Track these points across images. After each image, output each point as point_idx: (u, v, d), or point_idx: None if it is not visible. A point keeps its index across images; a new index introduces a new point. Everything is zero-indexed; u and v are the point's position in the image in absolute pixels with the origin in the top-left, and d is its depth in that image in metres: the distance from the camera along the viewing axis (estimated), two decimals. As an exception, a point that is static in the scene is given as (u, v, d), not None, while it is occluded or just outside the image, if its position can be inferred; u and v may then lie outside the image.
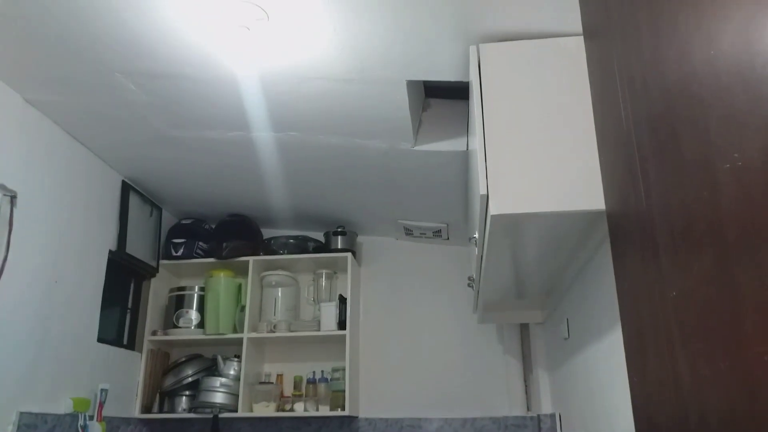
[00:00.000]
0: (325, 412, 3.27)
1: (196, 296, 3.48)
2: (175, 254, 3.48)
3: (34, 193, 2.43)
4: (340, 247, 3.54)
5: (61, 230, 2.61)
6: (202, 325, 3.41)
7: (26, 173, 2.39)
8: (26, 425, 2.32)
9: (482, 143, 1.70)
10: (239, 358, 3.32)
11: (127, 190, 3.12)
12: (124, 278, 3.24)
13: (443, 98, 2.64)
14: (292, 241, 3.60)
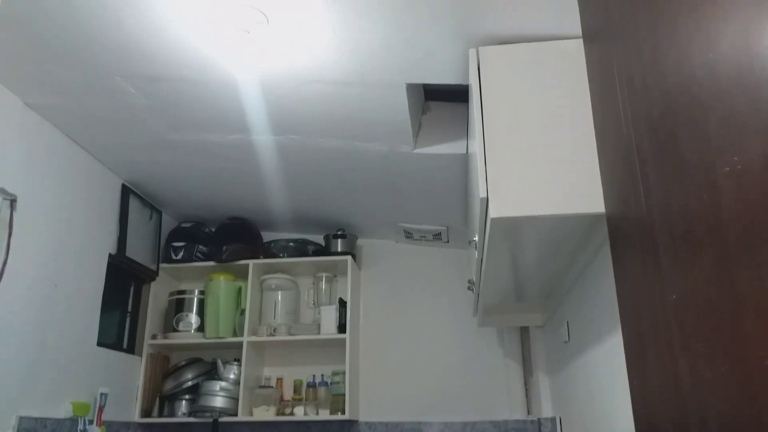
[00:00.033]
0: (325, 416, 3.27)
1: (196, 300, 3.48)
2: (175, 258, 3.48)
3: (34, 196, 2.43)
4: (340, 250, 3.54)
5: (60, 234, 2.60)
6: (202, 328, 3.40)
7: (26, 177, 2.39)
8: (26, 429, 2.32)
9: (482, 146, 1.70)
10: (239, 361, 3.31)
11: (126, 193, 3.12)
12: (123, 282, 3.24)
13: (443, 101, 2.64)
14: (292, 244, 3.59)
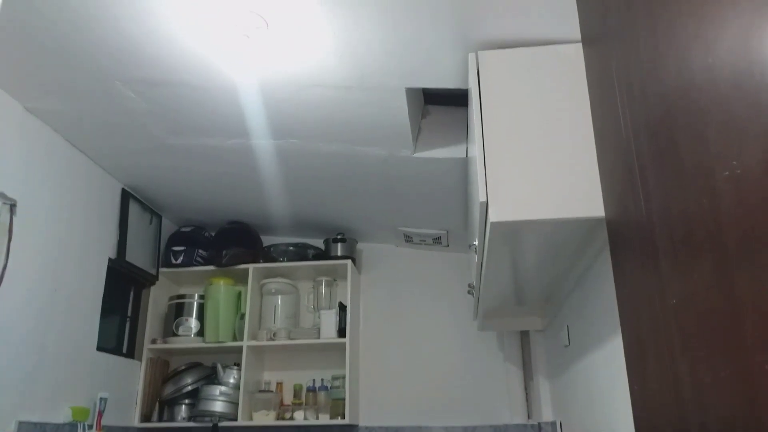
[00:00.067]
0: (325, 420, 3.26)
1: (195, 304, 3.47)
2: (174, 262, 3.48)
3: (33, 201, 2.43)
4: (339, 254, 3.54)
5: (60, 238, 2.60)
6: (201, 333, 3.40)
7: (26, 181, 2.39)
8: (25, 434, 2.32)
9: (482, 150, 1.70)
10: (239, 366, 3.31)
11: (126, 197, 3.12)
12: (123, 286, 3.23)
13: (442, 105, 2.65)
14: (291, 248, 3.59)
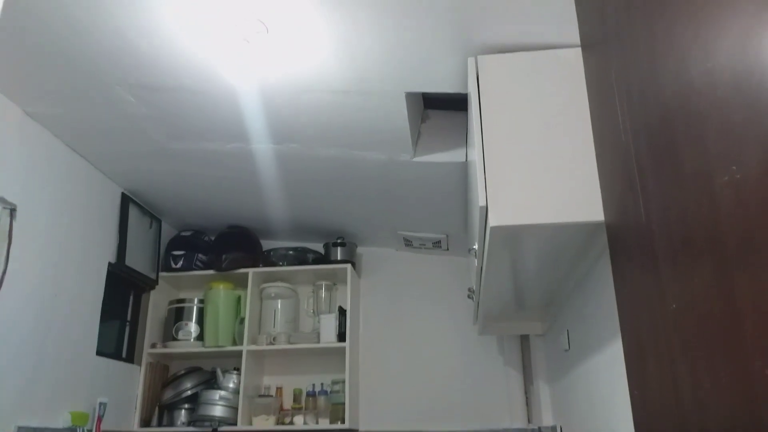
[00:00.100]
0: (325, 425, 3.25)
1: (195, 308, 3.47)
2: (174, 266, 3.48)
3: (33, 205, 2.43)
4: (339, 258, 3.53)
5: (60, 243, 2.60)
6: (201, 337, 3.39)
7: (26, 186, 2.39)
8: (24, 439, 2.31)
9: (481, 155, 1.70)
10: (238, 370, 3.31)
11: (126, 202, 3.12)
12: (123, 290, 3.23)
13: (442, 109, 2.65)
14: (291, 252, 3.59)
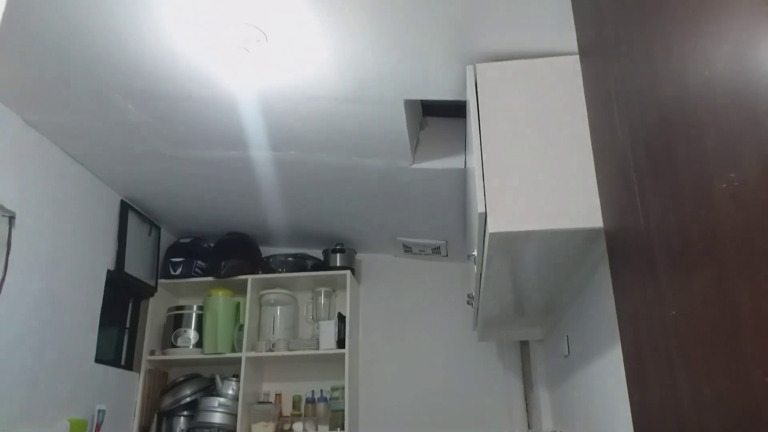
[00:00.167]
0: (324, 431, 3.24)
1: (194, 315, 3.47)
2: (173, 273, 3.47)
3: (32, 213, 2.43)
4: (338, 264, 3.53)
5: (59, 250, 2.60)
6: (200, 344, 3.39)
7: (25, 193, 2.39)
8: (23, 448, 2.30)
9: (480, 161, 1.71)
10: (238, 377, 3.30)
11: (125, 209, 3.12)
12: (122, 297, 3.22)
13: (441, 116, 2.66)
14: (290, 259, 3.59)
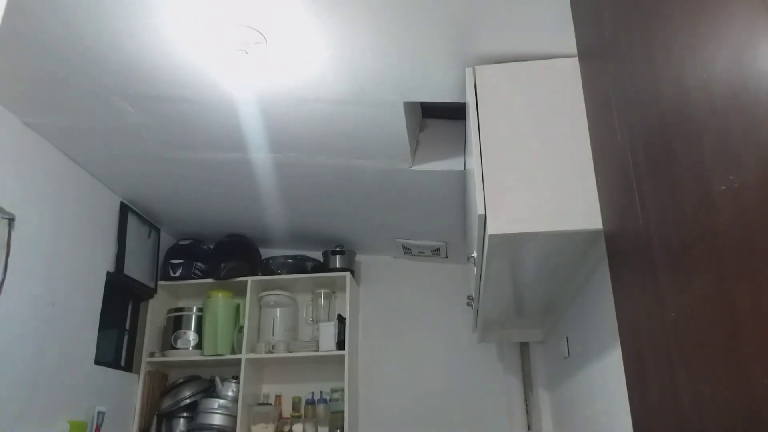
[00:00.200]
0: (324, 433, 3.25)
1: (194, 317, 3.46)
2: (173, 275, 3.47)
3: (32, 215, 2.43)
4: (338, 266, 3.53)
5: (58, 252, 2.60)
6: (200, 346, 3.38)
7: (24, 195, 2.39)
8: (22, 450, 2.30)
9: (479, 163, 1.71)
10: (237, 379, 3.30)
11: (125, 211, 3.12)
12: (122, 299, 3.22)
13: (440, 118, 2.66)
14: (290, 260, 3.59)
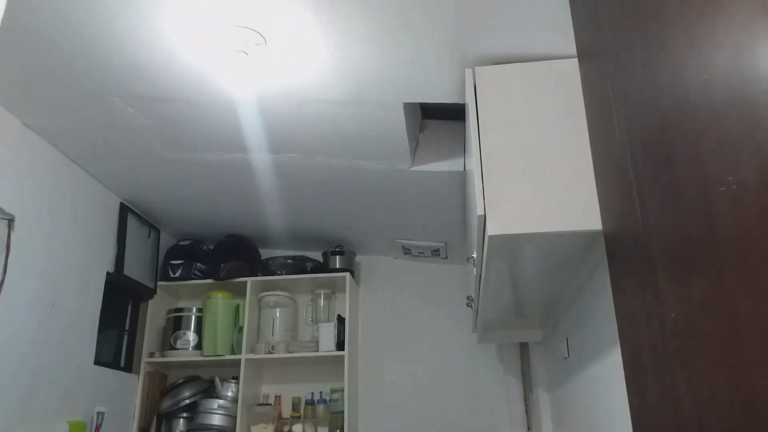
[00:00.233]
0: (324, 434, 3.25)
1: (194, 317, 3.46)
2: (173, 275, 3.47)
3: (31, 215, 2.43)
4: (338, 266, 3.53)
5: (58, 253, 2.60)
6: (199, 346, 3.39)
7: (24, 196, 2.39)
8: (22, 450, 2.30)
9: (479, 164, 1.71)
10: (237, 379, 3.30)
11: (125, 212, 3.12)
12: (121, 300, 3.22)
13: (440, 119, 2.66)
14: (290, 261, 3.59)
